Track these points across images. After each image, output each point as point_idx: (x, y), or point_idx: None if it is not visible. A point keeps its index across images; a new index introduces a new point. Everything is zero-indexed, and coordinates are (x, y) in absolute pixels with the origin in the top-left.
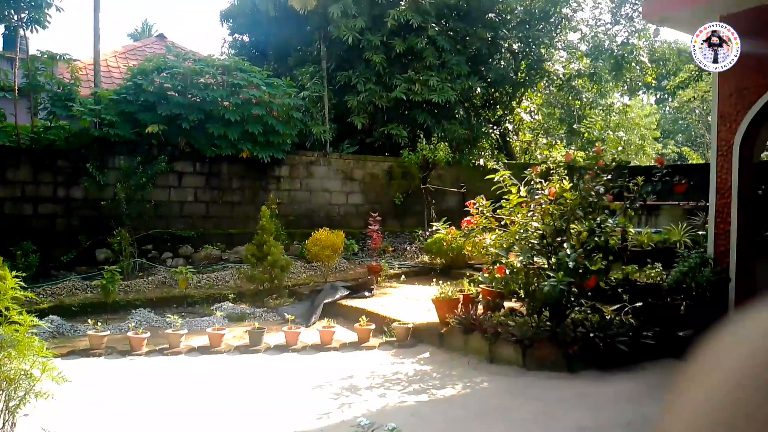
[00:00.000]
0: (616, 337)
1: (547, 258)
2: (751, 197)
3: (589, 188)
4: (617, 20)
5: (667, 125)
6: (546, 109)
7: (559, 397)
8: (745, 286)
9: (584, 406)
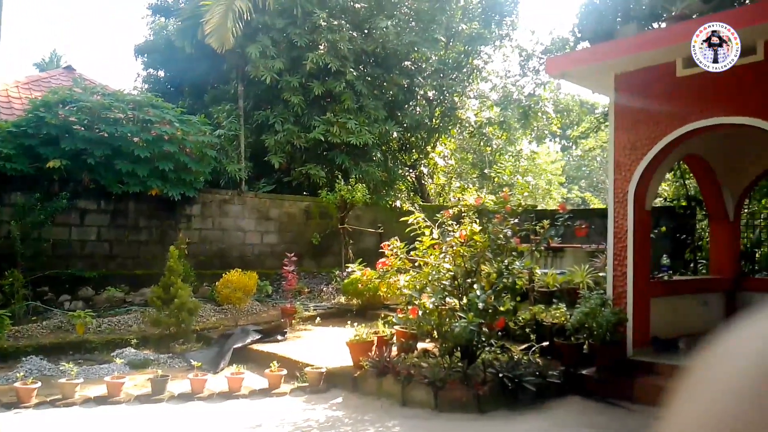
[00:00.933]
0: (524, 377)
1: (458, 299)
2: (645, 241)
3: (497, 231)
4: (525, 73)
5: (571, 171)
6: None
7: None
8: (642, 326)
9: None
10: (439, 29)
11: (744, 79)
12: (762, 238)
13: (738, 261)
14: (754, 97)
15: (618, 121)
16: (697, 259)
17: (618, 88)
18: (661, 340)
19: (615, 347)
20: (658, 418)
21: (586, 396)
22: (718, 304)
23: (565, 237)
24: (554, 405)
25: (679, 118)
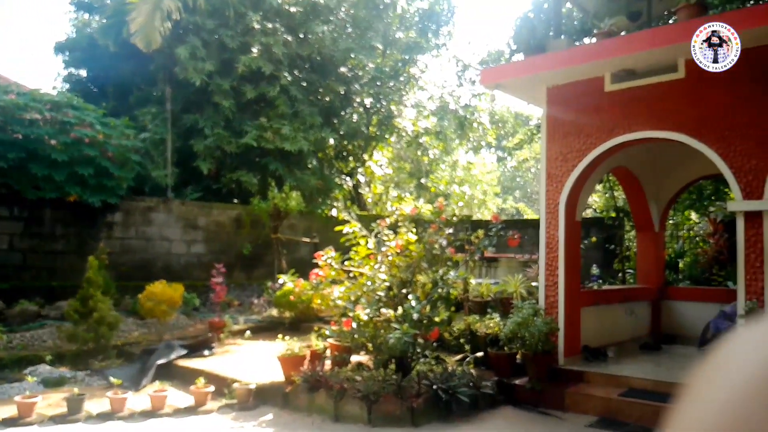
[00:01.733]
0: (458, 389)
1: (394, 310)
2: (575, 251)
3: (432, 241)
4: (461, 83)
5: (506, 182)
6: (397, 163)
7: None
8: (573, 335)
9: None
10: (376, 37)
11: (667, 95)
12: (685, 249)
13: (663, 271)
14: (676, 113)
15: (550, 133)
16: (625, 269)
17: (550, 100)
18: (591, 348)
19: (547, 356)
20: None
21: (518, 406)
22: (645, 313)
23: (500, 247)
24: (487, 416)
25: (607, 131)
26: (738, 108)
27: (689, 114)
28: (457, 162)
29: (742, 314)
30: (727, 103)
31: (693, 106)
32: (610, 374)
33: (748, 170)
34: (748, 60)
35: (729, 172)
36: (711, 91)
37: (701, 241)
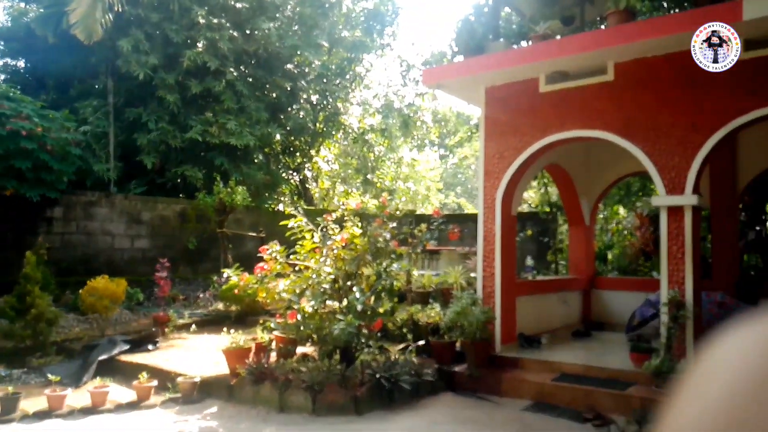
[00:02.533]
0: (401, 377)
1: (339, 302)
2: (511, 244)
3: (377, 235)
4: (406, 83)
5: (448, 179)
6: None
7: None
8: (509, 323)
9: None
10: (322, 34)
11: (597, 96)
12: (613, 241)
13: (593, 262)
14: (605, 113)
15: (488, 132)
16: (558, 261)
17: (488, 100)
18: (527, 336)
19: (485, 344)
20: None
21: (458, 392)
22: (576, 302)
23: (442, 240)
24: (428, 403)
25: (541, 130)
26: (662, 109)
27: (617, 114)
28: (402, 159)
29: (665, 302)
30: (652, 104)
31: (620, 107)
32: (543, 360)
33: (671, 167)
34: (671, 64)
35: (654, 170)
36: (637, 93)
37: (629, 234)
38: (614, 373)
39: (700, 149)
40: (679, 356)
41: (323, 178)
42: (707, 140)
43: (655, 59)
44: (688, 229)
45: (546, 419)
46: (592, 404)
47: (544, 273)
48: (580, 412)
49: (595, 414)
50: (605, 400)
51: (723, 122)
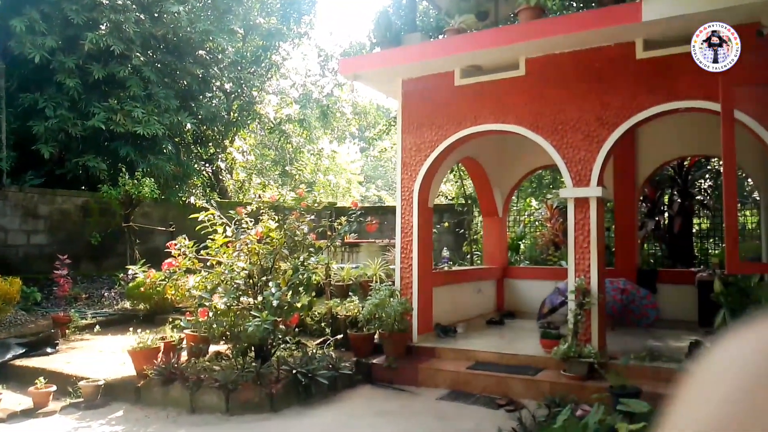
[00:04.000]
0: (318, 371)
1: (254, 297)
2: (428, 235)
3: (294, 228)
4: (324, 73)
5: (369, 171)
6: (260, 150)
7: None
8: (426, 313)
9: None
10: (236, 20)
11: (509, 91)
12: (525, 232)
13: (506, 252)
14: (517, 107)
15: (405, 125)
16: (473, 251)
17: (405, 93)
18: (443, 325)
19: (402, 335)
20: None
21: (376, 384)
22: (491, 291)
23: (363, 233)
24: (346, 396)
25: (456, 123)
26: (569, 104)
27: (528, 109)
28: (321, 151)
29: (572, 290)
30: (560, 99)
31: (531, 101)
32: (459, 349)
33: (578, 161)
34: (578, 61)
35: (562, 162)
36: (547, 89)
37: (540, 225)
38: (526, 360)
39: (605, 143)
40: (585, 341)
41: (238, 169)
42: (611, 135)
43: (564, 56)
44: (593, 219)
45: (461, 407)
46: (505, 390)
47: (460, 264)
48: (494, 399)
49: (508, 400)
50: (517, 386)
51: (625, 118)
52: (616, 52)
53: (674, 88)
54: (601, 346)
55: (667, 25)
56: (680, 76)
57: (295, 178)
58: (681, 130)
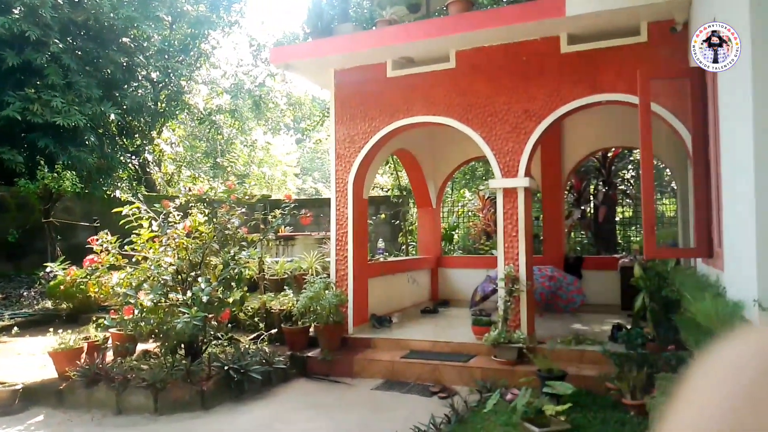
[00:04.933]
0: (251, 367)
1: (183, 294)
2: (363, 227)
3: (224, 221)
4: (257, 63)
5: (306, 163)
6: (189, 142)
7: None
8: (361, 305)
9: None
10: (162, 7)
11: (440, 83)
12: (459, 223)
13: (440, 242)
14: (448, 100)
15: (338, 116)
16: (409, 242)
17: (337, 84)
18: (378, 316)
19: (338, 327)
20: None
21: (311, 377)
22: (425, 281)
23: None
24: (281, 391)
25: (389, 114)
26: (497, 96)
27: (458, 101)
28: (255, 142)
29: (502, 278)
30: (489, 91)
31: (461, 93)
32: (394, 339)
33: (506, 152)
34: (506, 54)
35: (491, 154)
36: (476, 81)
37: (473, 215)
38: (458, 347)
39: (531, 135)
40: (515, 327)
41: (167, 161)
42: (537, 126)
43: (492, 49)
44: (521, 209)
45: (396, 396)
46: (439, 378)
47: (395, 254)
48: (428, 387)
49: (441, 387)
50: (450, 373)
51: (551, 110)
52: (543, 45)
53: (597, 82)
54: (530, 332)
55: (590, 20)
56: (602, 70)
57: (228, 170)
58: (605, 122)
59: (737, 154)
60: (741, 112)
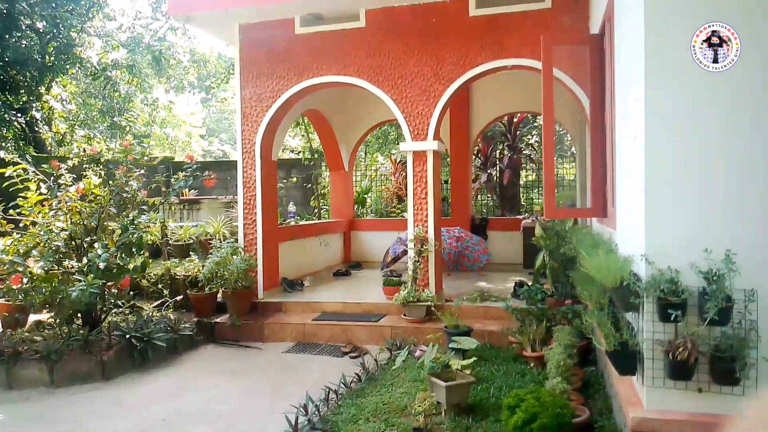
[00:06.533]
0: (154, 335)
1: (78, 260)
2: (272, 190)
3: (121, 184)
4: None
5: (212, 124)
6: (83, 99)
7: (89, 411)
8: (271, 269)
9: (116, 415)
10: None
11: (350, 42)
12: (371, 186)
13: (353, 206)
14: (358, 60)
15: (244, 73)
16: (321, 206)
17: (243, 39)
18: (289, 280)
19: (247, 292)
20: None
21: (220, 343)
22: (338, 244)
23: (204, 189)
24: (187, 358)
25: (297, 73)
26: (407, 58)
27: (368, 62)
28: (156, 101)
29: (412, 239)
30: (399, 53)
31: (371, 54)
32: (306, 302)
33: (416, 115)
34: (416, 15)
35: (401, 116)
36: (387, 42)
37: (385, 179)
38: (370, 307)
39: (441, 98)
40: (424, 286)
41: (58, 120)
42: (446, 90)
43: (402, 9)
44: (430, 172)
45: (307, 358)
46: (350, 338)
47: (307, 218)
48: (339, 347)
49: (352, 347)
50: (361, 333)
51: (459, 73)
52: (451, 8)
53: (503, 46)
54: (438, 290)
55: None
56: (508, 35)
57: (127, 130)
58: (511, 87)
59: (630, 119)
60: (634, 78)
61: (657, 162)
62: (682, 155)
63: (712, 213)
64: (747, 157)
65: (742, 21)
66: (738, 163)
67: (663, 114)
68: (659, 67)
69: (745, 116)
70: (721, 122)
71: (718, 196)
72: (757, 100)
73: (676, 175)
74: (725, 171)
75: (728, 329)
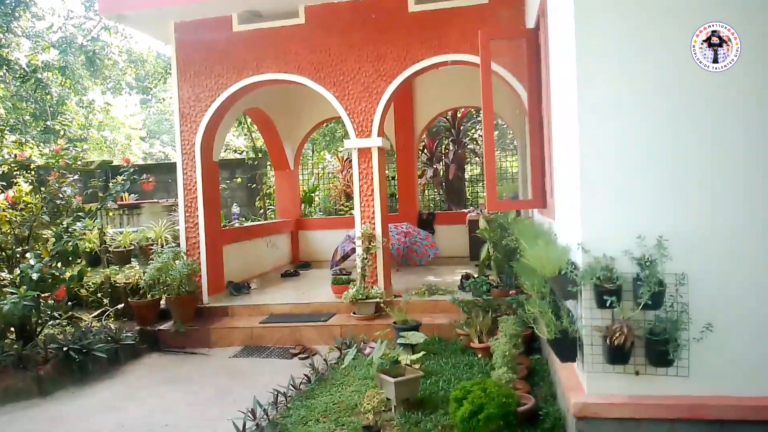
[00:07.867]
0: (94, 345)
1: (9, 272)
2: (214, 191)
3: (54, 191)
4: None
5: (153, 126)
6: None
7: (25, 430)
8: (216, 273)
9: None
10: None
11: (290, 39)
12: (318, 185)
13: (300, 205)
14: (298, 57)
15: (181, 72)
16: (267, 206)
17: (179, 37)
18: (236, 283)
19: (191, 297)
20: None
21: (164, 351)
22: (285, 244)
23: (145, 193)
24: (130, 368)
25: (236, 72)
26: (349, 55)
27: (309, 58)
28: (92, 103)
29: (359, 236)
30: (341, 50)
31: (312, 51)
32: (253, 305)
33: (360, 112)
34: (356, 11)
35: (344, 114)
36: (328, 38)
37: (333, 177)
38: (319, 307)
39: (383, 95)
40: (373, 283)
41: None
42: (388, 86)
43: (342, 5)
44: (375, 169)
45: (255, 361)
46: (299, 339)
47: (253, 219)
48: (288, 349)
49: (301, 348)
50: (311, 333)
51: (401, 70)
52: (391, 3)
53: (443, 42)
54: (387, 286)
55: None
56: (448, 31)
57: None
58: (454, 83)
59: (564, 111)
60: (567, 70)
61: (591, 152)
62: (615, 146)
63: (645, 201)
64: (678, 147)
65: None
66: (669, 153)
67: (595, 106)
68: (590, 59)
69: (672, 106)
70: (652, 113)
71: (651, 185)
72: (682, 89)
73: (610, 165)
74: (657, 161)
75: (661, 313)
